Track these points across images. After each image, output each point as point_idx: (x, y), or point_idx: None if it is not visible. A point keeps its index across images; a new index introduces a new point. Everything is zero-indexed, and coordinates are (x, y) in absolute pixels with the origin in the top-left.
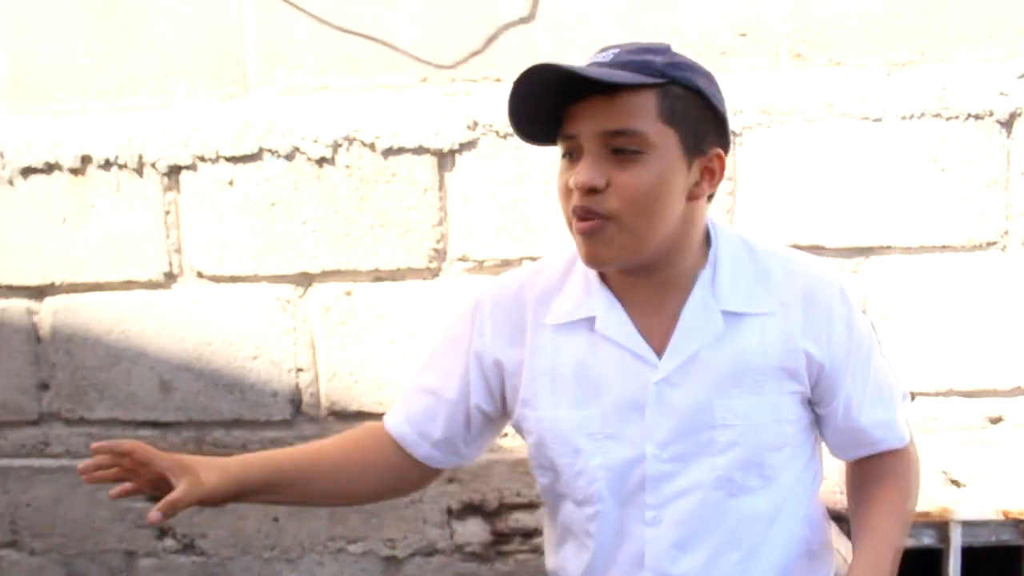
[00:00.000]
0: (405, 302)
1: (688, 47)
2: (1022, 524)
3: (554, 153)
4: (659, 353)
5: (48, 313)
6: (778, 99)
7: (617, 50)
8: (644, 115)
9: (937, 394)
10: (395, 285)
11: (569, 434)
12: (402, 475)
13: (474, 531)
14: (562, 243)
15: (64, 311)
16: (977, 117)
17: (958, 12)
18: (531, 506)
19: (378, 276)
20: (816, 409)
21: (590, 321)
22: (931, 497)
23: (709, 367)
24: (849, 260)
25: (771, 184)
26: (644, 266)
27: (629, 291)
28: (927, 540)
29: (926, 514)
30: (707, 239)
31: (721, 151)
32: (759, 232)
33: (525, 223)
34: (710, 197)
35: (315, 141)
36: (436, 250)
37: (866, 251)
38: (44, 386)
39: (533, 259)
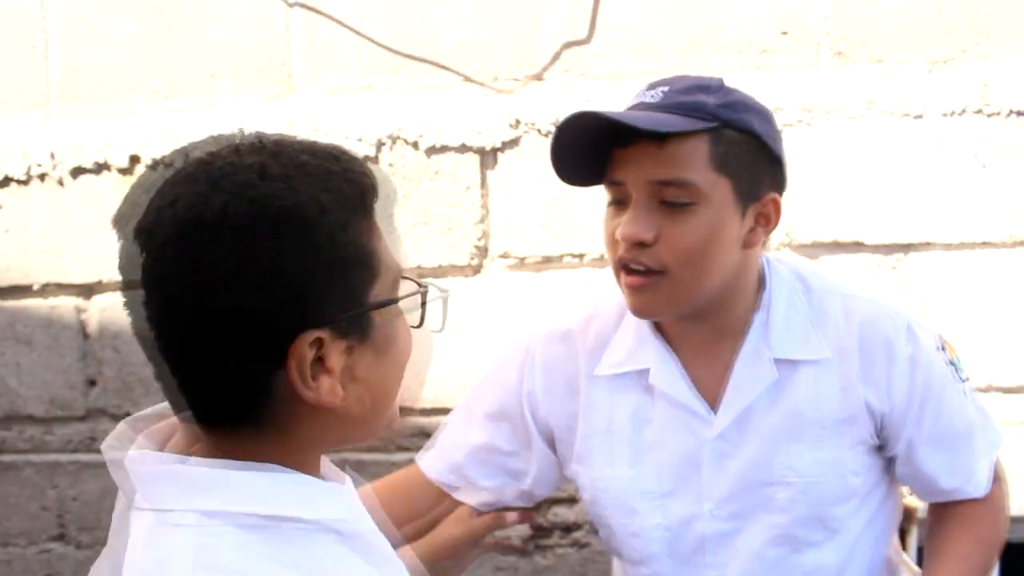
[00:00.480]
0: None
1: (730, 46)
2: None
3: None
4: (713, 407)
5: (96, 311)
6: (819, 97)
7: (667, 88)
8: (695, 164)
9: (977, 390)
10: (437, 282)
11: (625, 494)
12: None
13: (515, 526)
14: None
15: (111, 309)
16: (1019, 114)
17: (1000, 9)
18: (571, 501)
19: (420, 273)
20: (884, 454)
21: (643, 373)
22: None
23: (764, 421)
24: (889, 256)
25: (812, 181)
26: (696, 314)
27: (682, 339)
28: None
29: None
30: (761, 279)
31: (777, 195)
32: (803, 234)
33: (567, 220)
34: (766, 240)
35: (359, 140)
36: (478, 247)
37: (906, 247)
38: (92, 382)
39: (574, 256)
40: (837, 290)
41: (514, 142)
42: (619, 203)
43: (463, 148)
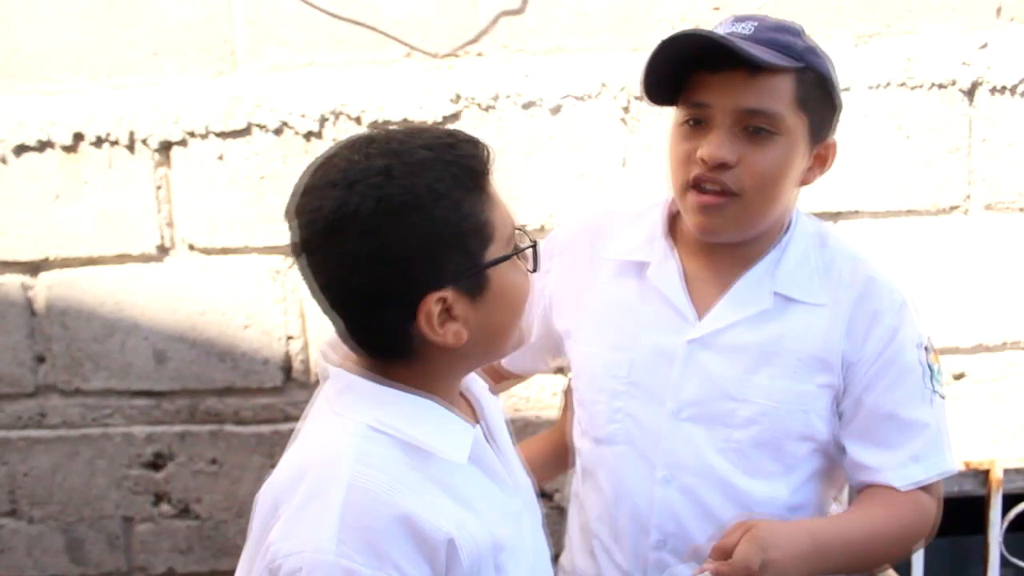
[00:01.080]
0: None
1: (664, 20)
2: (982, 475)
3: (533, 126)
4: (701, 317)
5: (43, 288)
6: None
7: (756, 24)
8: (783, 98)
9: None
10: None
11: (599, 373)
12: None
13: None
14: (543, 213)
15: (59, 285)
16: (941, 87)
17: None
18: None
19: None
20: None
21: (643, 266)
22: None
23: (746, 341)
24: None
25: None
26: (748, 240)
27: (694, 252)
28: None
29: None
30: (787, 223)
31: (834, 140)
32: None
33: (507, 191)
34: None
35: (303, 116)
36: None
37: (835, 215)
38: (40, 359)
39: (516, 228)
40: (850, 252)
41: (455, 116)
42: (696, 123)
43: (405, 123)
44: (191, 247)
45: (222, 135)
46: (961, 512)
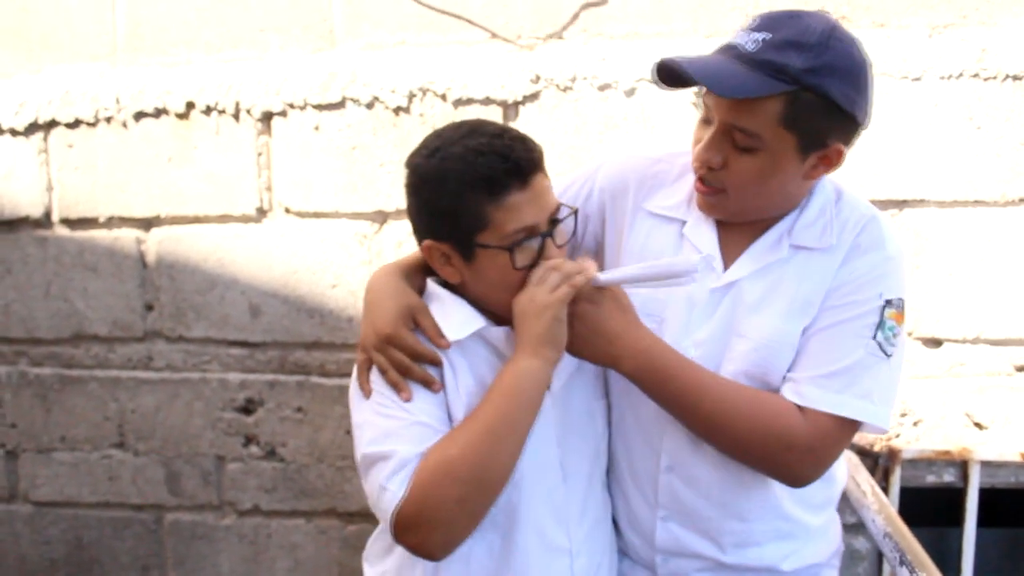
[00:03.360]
0: None
1: (738, 9)
2: None
3: (608, 108)
4: (726, 268)
5: (154, 242)
6: None
7: (767, 36)
8: (764, 119)
9: (965, 341)
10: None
11: (634, 306)
12: None
13: None
14: None
15: (168, 241)
16: (1015, 78)
17: None
18: None
19: None
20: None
21: (681, 223)
22: (954, 437)
23: (756, 286)
24: (884, 212)
25: None
26: (758, 220)
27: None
28: (948, 478)
29: (947, 453)
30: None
31: (842, 146)
32: None
33: (581, 169)
34: None
35: (393, 91)
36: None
37: (901, 203)
38: (149, 307)
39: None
40: (862, 204)
41: (534, 96)
42: (707, 121)
43: (487, 101)
44: (287, 210)
45: (319, 107)
46: (1016, 502)
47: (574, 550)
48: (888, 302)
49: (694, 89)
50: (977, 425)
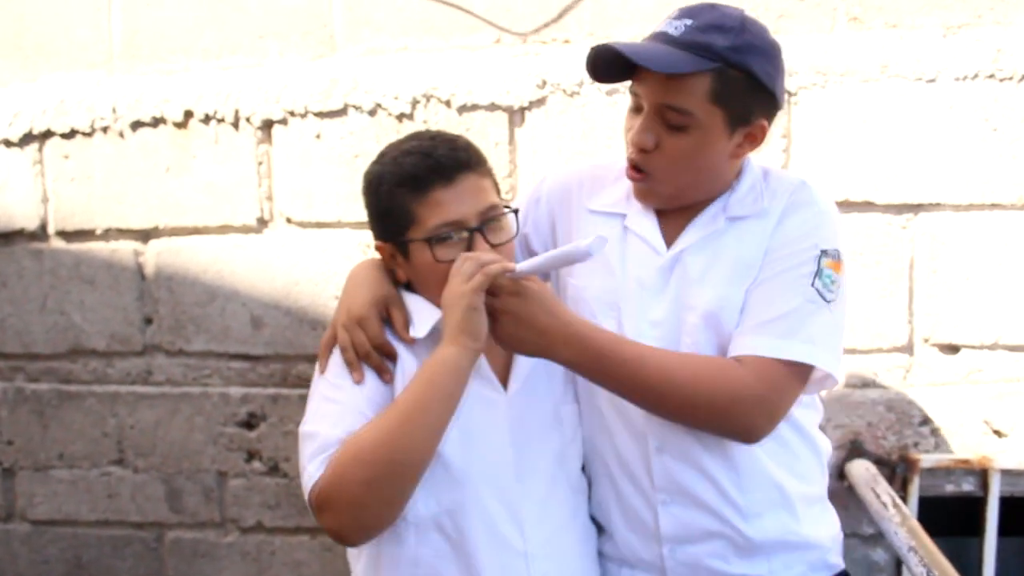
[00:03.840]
0: None
1: (747, 9)
2: None
3: (616, 113)
4: (669, 247)
5: (152, 254)
6: (834, 60)
7: (690, 22)
8: (695, 95)
9: (983, 347)
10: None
11: (593, 302)
12: None
13: None
14: None
15: (166, 252)
16: None
17: None
18: None
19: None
20: None
21: (623, 217)
22: (973, 445)
23: (698, 258)
24: (899, 216)
25: (825, 142)
26: (688, 204)
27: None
28: (967, 487)
29: (966, 461)
30: (738, 172)
31: (765, 122)
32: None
33: None
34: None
35: (396, 98)
36: (505, 199)
37: (916, 208)
38: (148, 320)
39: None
40: (788, 176)
41: (540, 101)
42: (636, 109)
43: (492, 107)
44: (288, 220)
45: (320, 115)
46: None
47: (531, 552)
48: (824, 252)
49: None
50: (996, 433)
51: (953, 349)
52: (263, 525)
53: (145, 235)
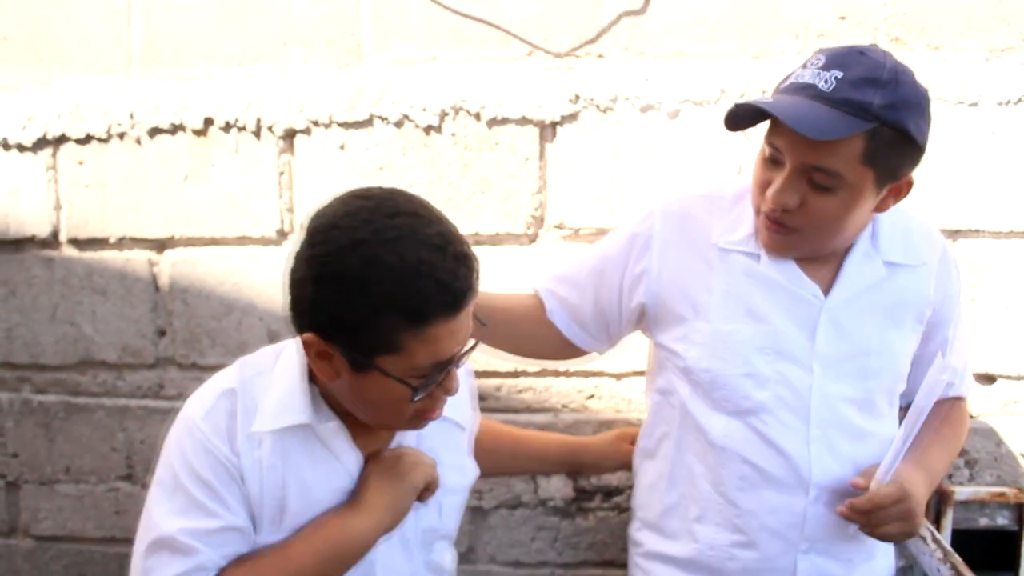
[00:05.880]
0: (503, 265)
1: (787, 29)
2: None
3: (651, 130)
4: (825, 292)
5: (167, 265)
6: None
7: (840, 74)
8: (847, 158)
9: (1020, 378)
10: (494, 249)
11: (742, 346)
12: (551, 347)
13: (558, 487)
14: None
15: (182, 263)
16: None
17: None
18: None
19: (478, 240)
20: (917, 349)
21: (755, 256)
22: (1009, 478)
23: (871, 303)
24: None
25: None
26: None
27: None
28: (1002, 520)
29: (1002, 495)
30: None
31: (911, 176)
32: None
33: (621, 194)
34: None
35: (423, 110)
36: (534, 217)
37: (954, 233)
38: (161, 332)
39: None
40: (910, 213)
41: (573, 116)
42: (773, 162)
43: (523, 121)
44: None
45: (344, 125)
46: None
47: None
48: None
49: None
50: None
51: (990, 379)
52: None
53: (160, 245)
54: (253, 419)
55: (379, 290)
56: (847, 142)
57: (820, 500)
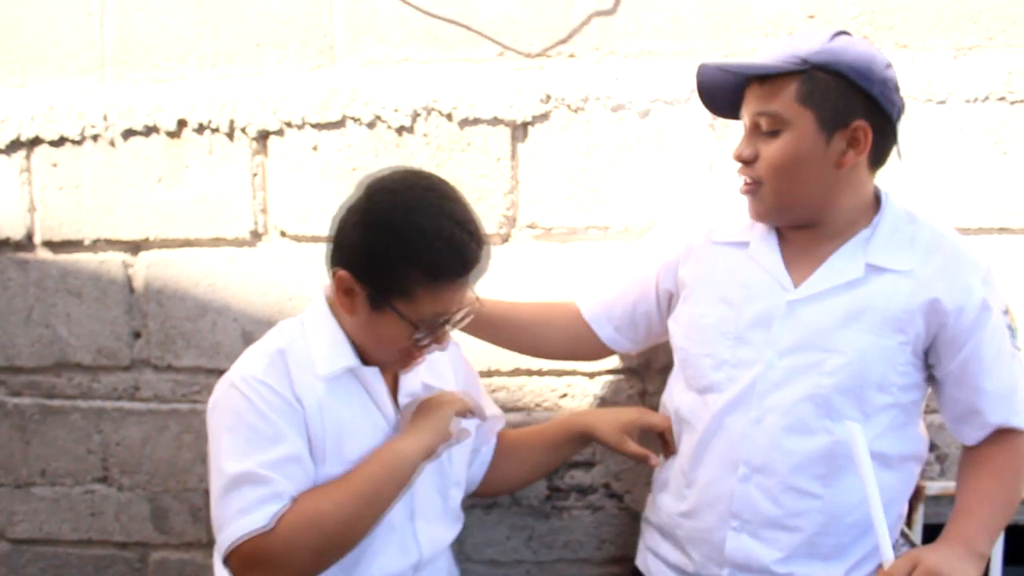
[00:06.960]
0: None
1: (756, 27)
2: None
3: (621, 130)
4: (798, 285)
5: (142, 266)
6: None
7: (787, 39)
8: (785, 99)
9: None
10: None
11: (709, 329)
12: (581, 346)
13: (532, 486)
14: (627, 215)
15: (156, 265)
16: None
17: None
18: (588, 464)
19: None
20: (934, 371)
21: (746, 244)
22: None
23: (837, 302)
24: None
25: None
26: (804, 222)
27: (792, 237)
28: None
29: None
30: (877, 206)
31: (865, 123)
32: None
33: (592, 193)
34: (875, 166)
35: (395, 110)
36: (507, 217)
37: None
38: (136, 334)
39: (599, 228)
40: (936, 226)
41: (544, 116)
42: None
43: (495, 121)
44: (283, 233)
45: (317, 126)
46: None
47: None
48: (1005, 312)
49: (708, 119)
50: None
51: None
52: None
53: (135, 247)
54: (309, 369)
55: (410, 246)
56: (784, 86)
57: (748, 480)
